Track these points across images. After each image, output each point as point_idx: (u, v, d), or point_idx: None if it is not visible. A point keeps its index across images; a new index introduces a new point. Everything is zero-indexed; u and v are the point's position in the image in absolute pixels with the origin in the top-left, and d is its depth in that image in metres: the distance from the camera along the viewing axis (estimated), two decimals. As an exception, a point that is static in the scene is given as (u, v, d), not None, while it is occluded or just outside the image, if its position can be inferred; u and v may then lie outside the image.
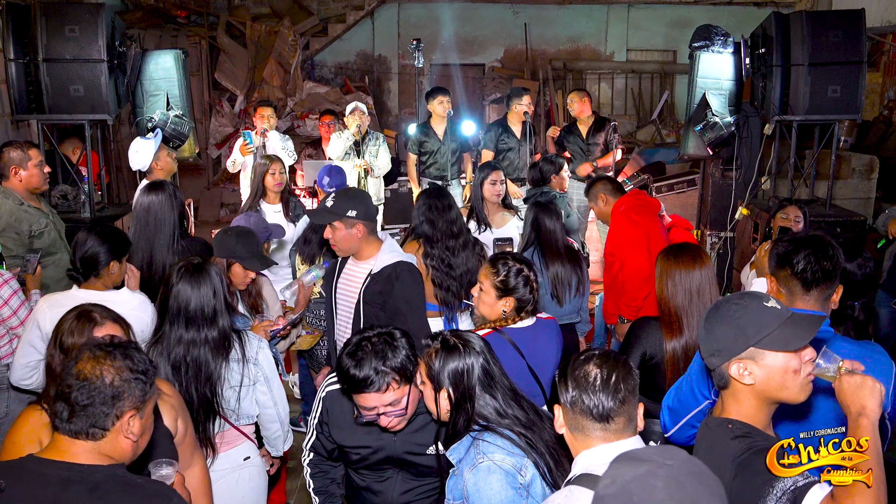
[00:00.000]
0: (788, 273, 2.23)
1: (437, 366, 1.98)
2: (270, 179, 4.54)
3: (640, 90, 11.67)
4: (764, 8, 10.49)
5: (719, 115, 5.60)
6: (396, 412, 2.07)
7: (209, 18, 10.07)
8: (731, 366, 1.75)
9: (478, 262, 3.63)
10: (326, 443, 2.34)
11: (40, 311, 2.91)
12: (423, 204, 3.67)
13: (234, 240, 3.13)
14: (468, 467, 1.85)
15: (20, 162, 3.90)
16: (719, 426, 1.79)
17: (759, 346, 1.71)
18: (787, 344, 1.70)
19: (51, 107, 5.00)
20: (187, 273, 2.57)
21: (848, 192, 7.47)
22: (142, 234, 3.49)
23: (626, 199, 4.17)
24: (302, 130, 9.73)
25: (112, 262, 2.96)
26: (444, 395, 1.97)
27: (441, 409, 1.99)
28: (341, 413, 2.24)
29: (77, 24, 4.89)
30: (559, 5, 11.26)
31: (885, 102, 9.61)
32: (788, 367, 1.71)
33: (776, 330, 1.70)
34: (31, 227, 3.89)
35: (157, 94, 5.61)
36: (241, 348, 2.62)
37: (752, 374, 1.73)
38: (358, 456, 2.24)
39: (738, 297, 1.81)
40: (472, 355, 1.98)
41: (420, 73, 7.11)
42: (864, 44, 5.15)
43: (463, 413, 1.95)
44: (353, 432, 2.21)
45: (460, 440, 1.94)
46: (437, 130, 6.18)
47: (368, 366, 2.01)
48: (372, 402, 2.04)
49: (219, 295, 2.58)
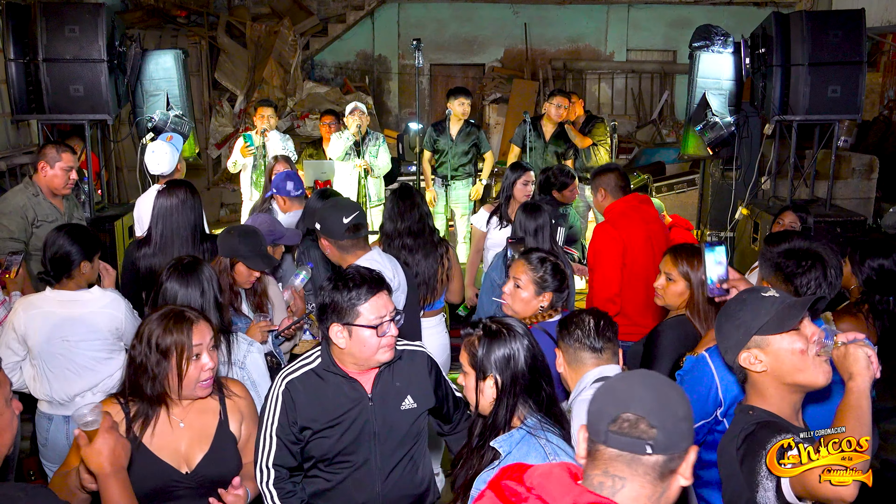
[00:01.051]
0: (790, 289, 2.28)
1: (481, 352, 1.96)
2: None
3: (640, 90, 11.67)
4: (764, 8, 10.49)
5: (719, 115, 5.60)
6: (398, 323, 2.17)
7: (209, 18, 10.07)
8: (740, 357, 1.83)
9: (440, 263, 3.64)
10: (292, 446, 2.19)
11: (15, 313, 2.95)
12: (391, 202, 3.71)
13: (237, 239, 3.13)
14: (540, 462, 1.80)
15: (50, 161, 4.03)
16: (742, 412, 1.88)
17: (760, 333, 1.79)
18: (782, 324, 1.77)
19: (51, 107, 5.00)
20: (176, 271, 2.57)
21: (848, 192, 7.47)
22: (164, 235, 3.45)
23: (615, 205, 3.95)
24: (302, 130, 9.73)
25: (83, 262, 2.97)
26: (488, 383, 1.95)
27: (485, 398, 1.97)
28: (313, 390, 2.19)
29: (77, 24, 4.89)
30: (559, 5, 11.25)
31: (885, 102, 9.61)
32: (794, 349, 1.77)
33: (773, 315, 1.78)
34: (36, 217, 3.99)
35: (157, 94, 5.61)
36: (228, 351, 2.58)
37: (761, 362, 1.80)
38: (335, 437, 2.18)
39: (739, 294, 1.92)
40: (517, 339, 1.97)
41: (420, 73, 7.11)
42: (864, 44, 5.14)
43: (508, 400, 1.93)
44: (328, 406, 2.19)
45: (508, 433, 1.91)
46: (452, 130, 6.22)
47: (367, 276, 2.15)
48: (384, 307, 2.14)
49: (206, 294, 2.55)
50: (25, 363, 2.99)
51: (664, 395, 1.38)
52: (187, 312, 2.12)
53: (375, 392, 2.22)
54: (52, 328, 2.90)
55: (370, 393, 2.22)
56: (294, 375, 2.24)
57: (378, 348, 2.15)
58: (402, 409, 2.24)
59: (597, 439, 1.36)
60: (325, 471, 2.22)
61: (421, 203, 3.70)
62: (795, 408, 1.86)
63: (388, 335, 2.15)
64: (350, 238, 2.97)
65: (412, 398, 2.26)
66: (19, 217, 3.94)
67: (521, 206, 3.82)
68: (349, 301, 2.12)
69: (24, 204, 3.98)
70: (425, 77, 11.25)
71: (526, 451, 1.86)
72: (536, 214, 3.69)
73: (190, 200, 3.50)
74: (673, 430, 1.33)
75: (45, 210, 4.05)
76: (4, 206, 3.98)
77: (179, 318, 2.08)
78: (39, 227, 4.00)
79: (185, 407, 2.15)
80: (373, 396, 2.22)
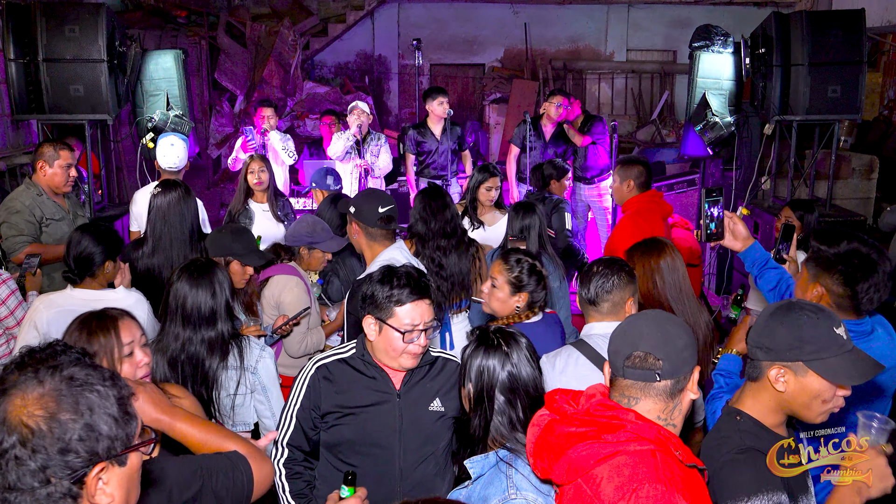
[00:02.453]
0: (847, 293, 2.25)
1: (462, 358, 1.96)
2: (250, 178, 4.57)
3: (640, 90, 11.67)
4: (764, 8, 10.48)
5: (719, 115, 5.60)
6: (431, 335, 2.17)
7: (209, 18, 10.06)
8: (772, 367, 1.77)
9: (472, 263, 3.65)
10: (309, 430, 2.24)
11: (36, 311, 2.92)
12: (419, 203, 3.71)
13: (229, 238, 3.15)
14: (498, 498, 1.76)
15: (48, 159, 4.05)
16: (729, 414, 1.85)
17: (809, 365, 1.73)
18: (836, 376, 1.72)
19: (51, 107, 5.00)
20: (188, 272, 2.57)
21: (848, 192, 7.46)
22: (161, 235, 3.47)
23: (640, 198, 4.07)
24: (302, 130, 9.73)
25: (107, 262, 2.98)
26: (465, 391, 1.96)
27: (466, 405, 1.97)
28: (341, 379, 2.23)
29: (77, 24, 4.89)
30: (559, 5, 11.25)
31: (885, 102, 9.61)
32: (822, 395, 1.73)
33: (833, 358, 1.72)
34: (44, 216, 4.02)
35: (157, 94, 5.62)
36: (240, 355, 2.59)
37: (786, 384, 1.76)
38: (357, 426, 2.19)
39: (812, 309, 1.79)
40: (498, 355, 1.92)
41: (420, 73, 7.11)
42: (864, 44, 5.14)
43: (480, 413, 1.90)
44: (354, 396, 2.21)
45: (484, 454, 1.87)
46: (435, 130, 6.19)
47: (414, 281, 2.14)
48: (420, 316, 2.12)
49: (218, 297, 2.56)
50: None
51: (666, 331, 1.67)
52: (109, 311, 2.07)
53: (404, 388, 2.23)
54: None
55: (398, 388, 2.23)
56: (325, 362, 2.28)
57: (402, 353, 2.15)
58: (429, 409, 2.25)
59: (616, 374, 1.69)
60: (346, 461, 2.23)
61: (451, 203, 3.72)
62: (783, 421, 1.84)
63: (416, 344, 2.15)
64: (381, 228, 3.05)
65: (440, 402, 2.26)
66: (28, 216, 3.96)
67: (514, 206, 3.85)
68: (387, 298, 2.14)
69: (30, 203, 4.00)
70: (425, 77, 11.25)
71: (491, 478, 1.80)
72: (525, 214, 3.71)
73: (185, 200, 3.51)
74: (676, 359, 1.63)
75: (51, 209, 4.06)
76: (12, 206, 3.99)
77: (101, 321, 2.03)
78: (48, 225, 4.02)
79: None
80: (400, 392, 2.22)
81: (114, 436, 1.20)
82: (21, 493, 1.14)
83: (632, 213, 4.01)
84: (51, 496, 1.14)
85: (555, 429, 1.67)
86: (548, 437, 1.67)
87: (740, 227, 2.66)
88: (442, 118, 6.11)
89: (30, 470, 1.13)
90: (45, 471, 1.14)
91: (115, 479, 1.21)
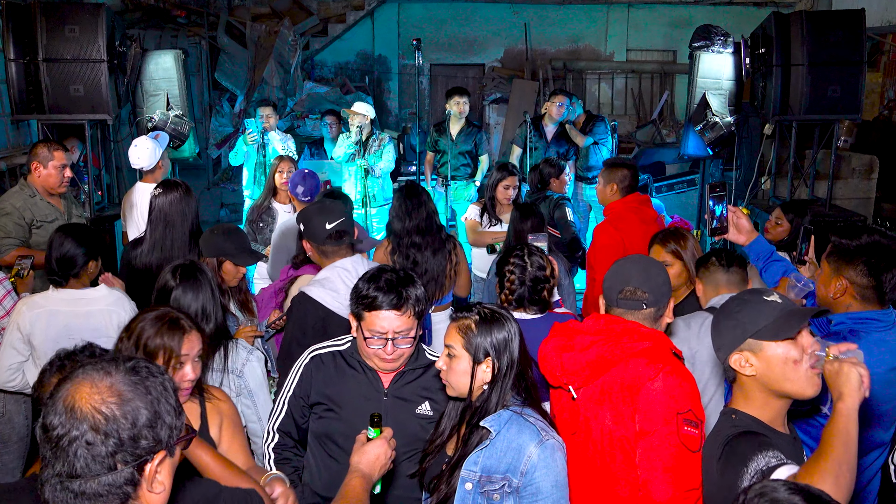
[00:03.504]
0: (871, 283, 2.27)
1: (477, 336, 1.94)
2: (279, 178, 4.61)
3: (640, 90, 11.67)
4: (764, 8, 10.48)
5: (719, 115, 5.60)
6: (404, 344, 2.12)
7: (209, 18, 10.06)
8: (731, 357, 1.81)
9: (448, 259, 3.69)
10: (298, 417, 2.25)
11: (19, 312, 2.95)
12: (396, 201, 3.75)
13: (222, 238, 3.16)
14: (535, 444, 1.85)
15: (43, 160, 4.02)
16: (725, 415, 1.88)
17: (755, 337, 1.77)
18: (778, 333, 1.75)
19: (51, 107, 5.00)
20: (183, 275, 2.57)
21: (848, 192, 7.45)
22: (163, 235, 3.47)
23: (621, 203, 4.03)
24: (302, 130, 9.73)
25: (90, 262, 3.00)
26: (483, 367, 1.94)
27: (477, 382, 1.95)
28: (333, 371, 2.24)
29: (77, 24, 4.90)
30: (559, 5, 11.25)
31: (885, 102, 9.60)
32: (788, 358, 1.75)
33: (772, 322, 1.76)
34: (35, 219, 3.98)
35: (157, 94, 5.62)
36: (225, 358, 2.57)
37: (752, 366, 1.79)
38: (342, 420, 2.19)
39: (741, 294, 1.91)
40: (512, 324, 1.97)
41: (420, 73, 7.11)
42: (864, 44, 5.14)
43: (501, 385, 1.93)
44: (342, 389, 2.22)
45: (496, 413, 1.92)
46: (452, 130, 6.22)
47: (392, 287, 2.10)
48: (387, 324, 2.09)
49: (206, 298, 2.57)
50: (28, 364, 2.98)
51: (649, 271, 2.13)
52: (183, 320, 2.09)
53: (392, 388, 2.23)
54: (58, 327, 2.90)
55: (387, 388, 2.23)
56: (320, 352, 2.29)
57: (374, 356, 2.15)
58: (416, 412, 2.23)
59: (611, 304, 2.14)
60: (330, 453, 2.24)
61: (427, 201, 3.74)
62: (781, 413, 1.83)
63: (384, 351, 2.12)
64: (331, 244, 2.89)
65: (429, 406, 2.25)
66: (16, 218, 3.92)
67: (516, 207, 3.88)
68: (361, 300, 2.14)
69: (21, 205, 3.96)
70: (425, 77, 11.25)
71: (517, 429, 1.89)
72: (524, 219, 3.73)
73: (186, 199, 3.51)
74: (658, 291, 2.10)
75: (43, 211, 4.02)
76: (3, 208, 3.96)
77: (174, 324, 2.05)
78: (39, 227, 3.98)
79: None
80: (388, 391, 2.22)
81: (173, 425, 1.25)
82: (84, 479, 1.16)
83: (608, 219, 3.99)
84: (113, 483, 1.18)
85: (575, 340, 2.09)
86: (568, 346, 2.09)
87: (744, 221, 2.70)
88: (460, 118, 6.16)
89: (100, 456, 1.16)
90: (115, 456, 1.17)
91: (166, 469, 1.25)
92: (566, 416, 2.18)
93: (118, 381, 1.21)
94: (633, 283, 2.09)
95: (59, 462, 1.16)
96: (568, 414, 2.17)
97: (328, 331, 2.68)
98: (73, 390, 1.19)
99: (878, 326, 2.24)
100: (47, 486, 1.18)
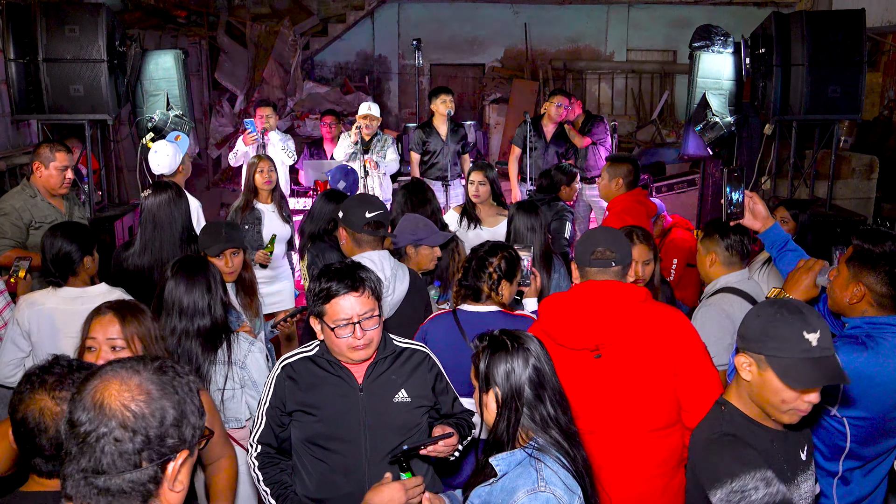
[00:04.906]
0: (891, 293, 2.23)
1: (483, 364, 1.92)
2: (259, 178, 4.55)
3: (640, 90, 11.67)
4: (764, 8, 10.49)
5: (719, 115, 5.60)
6: (371, 325, 2.14)
7: (209, 18, 10.06)
8: (740, 354, 1.83)
9: (451, 257, 3.68)
10: (276, 427, 2.27)
11: (19, 310, 2.98)
12: (401, 198, 3.77)
13: (202, 234, 3.26)
14: (526, 491, 1.75)
15: (44, 160, 4.02)
16: (717, 405, 1.93)
17: (768, 361, 1.77)
18: (787, 376, 1.74)
19: (51, 107, 5.00)
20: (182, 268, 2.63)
21: (848, 192, 7.46)
22: (152, 236, 3.48)
23: (626, 196, 4.14)
24: (302, 130, 9.73)
25: (86, 258, 3.00)
26: (491, 395, 1.90)
27: (488, 412, 1.91)
28: (306, 376, 2.25)
29: (77, 24, 4.89)
30: (559, 5, 11.25)
31: (885, 102, 9.60)
32: (780, 394, 1.77)
33: (790, 359, 1.74)
34: (34, 220, 3.97)
35: (157, 94, 5.62)
36: (228, 350, 2.62)
37: (751, 374, 1.81)
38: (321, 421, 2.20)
39: (792, 309, 1.80)
40: (521, 353, 1.90)
41: (420, 73, 7.11)
42: (864, 44, 5.14)
43: (509, 415, 1.86)
44: (317, 392, 2.22)
45: (510, 451, 1.84)
46: (440, 130, 6.17)
47: (344, 274, 2.14)
48: (349, 309, 2.11)
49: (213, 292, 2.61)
50: (29, 360, 2.99)
51: (615, 235, 2.50)
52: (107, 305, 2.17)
53: (366, 382, 2.23)
54: (56, 324, 2.91)
55: (360, 383, 2.23)
56: (290, 360, 2.29)
57: (346, 347, 2.15)
58: (394, 401, 2.25)
59: (584, 265, 2.45)
60: (314, 455, 2.25)
61: (432, 198, 3.73)
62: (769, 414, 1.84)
63: (353, 337, 2.13)
64: (367, 233, 3.02)
65: (406, 392, 2.27)
66: (14, 219, 3.91)
67: (516, 204, 3.82)
68: (317, 296, 2.16)
69: (20, 206, 3.95)
70: (425, 77, 11.25)
71: (519, 473, 1.79)
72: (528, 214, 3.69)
73: (175, 202, 3.52)
74: (624, 252, 2.45)
75: (43, 212, 4.02)
76: (1, 208, 3.95)
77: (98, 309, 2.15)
78: (38, 228, 3.97)
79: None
80: (363, 387, 2.23)
81: (196, 425, 1.27)
82: (109, 476, 1.17)
83: (618, 210, 4.05)
84: (137, 480, 1.19)
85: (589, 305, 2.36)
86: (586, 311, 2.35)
87: (760, 207, 2.67)
88: (445, 117, 6.10)
89: (127, 452, 1.18)
90: (141, 454, 1.19)
91: (186, 468, 1.26)
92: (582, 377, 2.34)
93: (146, 379, 1.23)
94: (602, 245, 2.43)
95: (85, 457, 1.17)
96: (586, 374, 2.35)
97: None
98: (101, 387, 1.20)
99: (895, 332, 2.21)
100: (69, 481, 1.18)
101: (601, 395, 2.33)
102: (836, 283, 2.35)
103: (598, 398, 2.32)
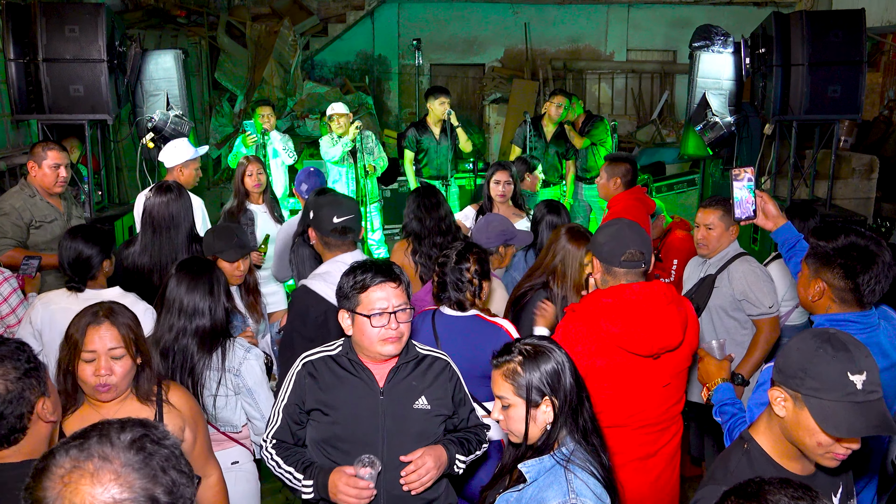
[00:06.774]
0: (849, 286, 2.20)
1: (528, 377, 1.80)
2: (249, 180, 4.52)
3: (640, 90, 11.67)
4: (764, 8, 10.49)
5: (719, 115, 5.60)
6: (404, 318, 2.15)
7: (209, 18, 10.06)
8: (774, 388, 1.69)
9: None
10: (293, 425, 2.24)
11: (34, 308, 2.97)
12: (414, 202, 3.74)
13: (212, 237, 3.24)
14: (557, 500, 1.70)
15: (38, 159, 4.01)
16: (740, 440, 1.78)
17: (806, 401, 1.61)
18: (826, 422, 1.58)
19: (51, 107, 5.00)
20: (186, 269, 2.62)
21: (848, 192, 7.46)
22: (154, 237, 3.46)
23: (625, 195, 4.16)
24: (302, 130, 9.73)
25: (105, 261, 3.01)
26: (542, 408, 1.81)
27: (537, 425, 1.82)
28: (326, 376, 2.22)
29: (77, 24, 4.89)
30: (559, 5, 11.25)
31: (885, 102, 9.60)
32: (816, 437, 1.62)
33: (831, 402, 1.58)
34: (34, 219, 3.97)
35: (157, 94, 5.62)
36: (222, 356, 2.59)
37: (785, 410, 1.67)
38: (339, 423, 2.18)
39: (838, 345, 1.62)
40: (558, 353, 1.85)
41: (420, 73, 7.10)
42: (864, 44, 5.14)
43: (563, 420, 1.80)
44: (338, 393, 2.20)
45: (539, 458, 1.80)
46: (434, 130, 6.17)
47: (379, 267, 2.17)
48: (386, 299, 2.12)
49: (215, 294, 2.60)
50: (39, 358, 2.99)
51: (642, 234, 2.48)
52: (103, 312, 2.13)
53: (387, 386, 2.21)
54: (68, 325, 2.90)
55: (382, 387, 2.21)
56: (312, 358, 2.27)
57: (378, 339, 2.13)
58: (414, 407, 2.22)
59: (613, 265, 2.45)
60: (329, 456, 2.22)
61: (443, 201, 3.74)
62: (797, 455, 1.71)
63: (388, 328, 2.12)
64: (335, 238, 2.95)
65: (426, 399, 2.23)
66: (14, 219, 3.91)
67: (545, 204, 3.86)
68: (352, 287, 2.14)
69: (20, 206, 3.95)
70: (425, 77, 11.25)
71: (549, 482, 1.74)
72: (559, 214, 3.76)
73: (177, 203, 3.50)
74: (649, 250, 2.47)
75: (42, 211, 4.02)
76: (2, 208, 3.95)
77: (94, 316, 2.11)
78: (38, 227, 3.98)
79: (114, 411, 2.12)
80: (384, 390, 2.20)
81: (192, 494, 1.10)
82: None
83: (619, 209, 4.06)
84: None
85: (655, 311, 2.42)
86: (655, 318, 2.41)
87: (771, 207, 2.64)
88: (441, 118, 6.10)
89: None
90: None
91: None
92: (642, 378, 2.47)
93: (123, 464, 1.01)
94: (633, 246, 2.42)
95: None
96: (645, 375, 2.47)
97: (329, 324, 2.73)
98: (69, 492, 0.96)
99: (858, 328, 2.19)
100: None
101: (655, 392, 2.50)
102: (800, 282, 2.36)
103: (653, 396, 2.49)
